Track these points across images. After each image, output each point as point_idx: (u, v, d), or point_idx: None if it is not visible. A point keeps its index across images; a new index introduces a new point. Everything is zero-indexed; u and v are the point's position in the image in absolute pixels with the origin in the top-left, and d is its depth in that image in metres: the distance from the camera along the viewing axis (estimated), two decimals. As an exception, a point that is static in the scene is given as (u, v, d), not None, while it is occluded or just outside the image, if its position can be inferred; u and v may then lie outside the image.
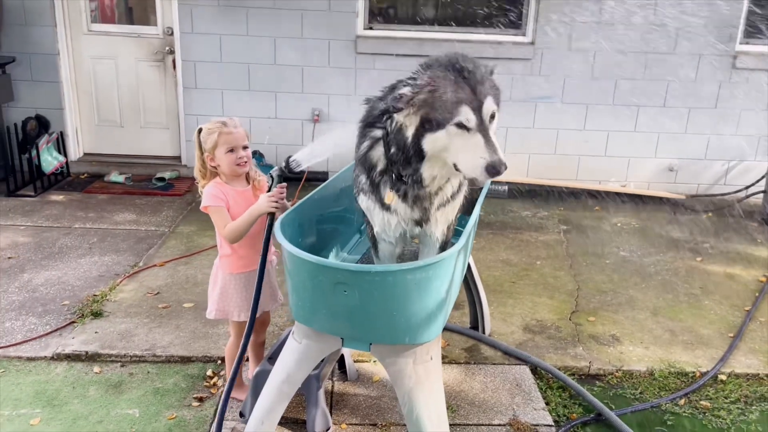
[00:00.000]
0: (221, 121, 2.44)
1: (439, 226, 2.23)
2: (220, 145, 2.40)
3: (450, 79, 1.90)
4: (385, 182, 2.11)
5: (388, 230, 2.22)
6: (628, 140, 5.92)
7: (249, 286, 2.50)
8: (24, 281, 3.73)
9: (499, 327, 3.43)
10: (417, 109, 1.90)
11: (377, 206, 2.19)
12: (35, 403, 2.67)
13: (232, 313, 2.55)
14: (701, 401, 2.88)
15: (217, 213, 2.41)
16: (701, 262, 4.45)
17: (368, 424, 2.62)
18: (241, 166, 2.45)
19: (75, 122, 5.91)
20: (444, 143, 1.89)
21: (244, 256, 2.50)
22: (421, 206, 2.14)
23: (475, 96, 1.87)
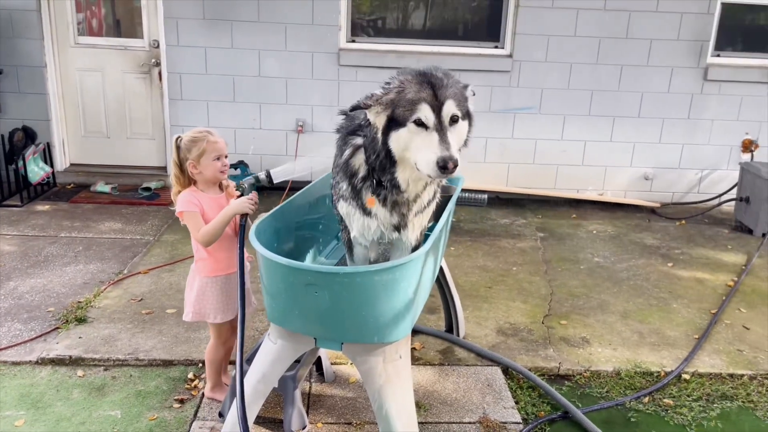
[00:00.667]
0: (206, 131, 2.55)
1: (414, 232, 2.34)
2: (208, 152, 2.50)
3: (416, 82, 2.03)
4: (366, 188, 2.22)
5: (367, 234, 2.32)
6: (605, 150, 6.08)
7: (225, 288, 2.61)
8: (10, 289, 3.80)
9: (474, 330, 3.54)
10: (384, 108, 2.03)
11: (358, 212, 2.28)
12: (20, 406, 2.75)
13: (208, 315, 2.64)
14: (664, 399, 3.00)
15: (192, 218, 2.51)
16: (672, 267, 4.59)
17: (343, 423, 2.71)
18: (224, 173, 2.58)
19: (61, 133, 6.00)
20: (405, 141, 2.00)
21: (220, 259, 2.60)
22: (400, 212, 2.25)
23: (435, 97, 1.99)
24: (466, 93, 2.11)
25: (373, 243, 2.43)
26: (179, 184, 2.58)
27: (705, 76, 5.88)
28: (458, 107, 2.02)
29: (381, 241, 2.49)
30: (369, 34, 5.96)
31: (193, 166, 2.53)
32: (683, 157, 6.12)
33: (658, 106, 5.96)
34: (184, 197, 2.54)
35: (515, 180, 6.13)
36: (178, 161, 2.55)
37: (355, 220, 2.29)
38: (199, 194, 2.57)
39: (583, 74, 5.85)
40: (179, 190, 2.58)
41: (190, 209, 2.51)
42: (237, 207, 2.46)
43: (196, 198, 2.54)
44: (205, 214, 2.54)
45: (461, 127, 2.07)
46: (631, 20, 5.71)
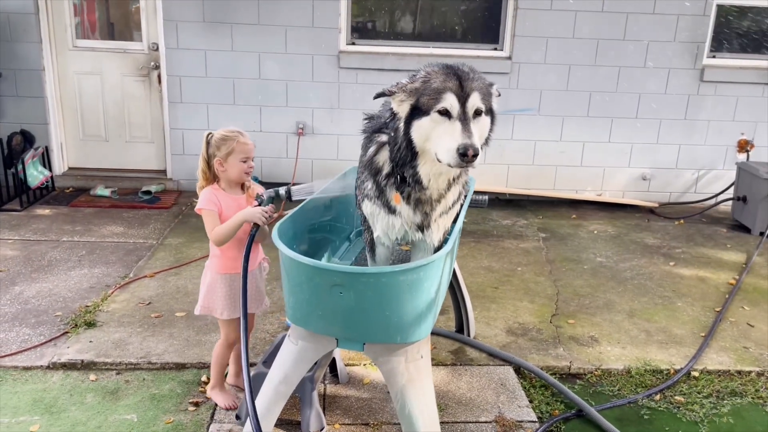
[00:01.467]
0: (237, 131, 2.57)
1: (438, 233, 2.35)
2: (237, 152, 2.53)
3: (443, 73, 2.05)
4: (390, 185, 2.23)
5: (391, 233, 2.33)
6: (603, 150, 6.14)
7: (234, 286, 2.64)
8: (15, 293, 3.77)
9: (483, 330, 3.56)
10: (409, 96, 2.05)
11: (383, 210, 2.29)
12: (34, 411, 2.73)
13: (216, 310, 2.67)
14: (675, 396, 3.03)
15: (209, 216, 2.55)
16: (674, 266, 4.64)
17: (360, 424, 2.72)
18: (248, 174, 2.62)
19: (60, 137, 5.96)
20: (427, 130, 2.01)
21: (231, 258, 2.62)
22: (423, 210, 2.26)
23: (461, 88, 2.00)
24: (491, 90, 2.13)
25: (395, 245, 2.44)
26: (204, 178, 2.62)
27: (701, 77, 5.95)
28: (483, 101, 2.04)
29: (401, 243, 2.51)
30: (369, 36, 5.97)
31: (219, 164, 2.55)
32: (680, 157, 6.19)
33: (655, 107, 6.02)
34: (205, 195, 2.58)
35: (515, 181, 6.17)
36: (206, 156, 2.58)
37: (380, 219, 2.30)
38: (219, 193, 2.59)
39: (582, 76, 5.90)
40: (203, 185, 2.61)
41: (209, 207, 2.55)
42: (248, 215, 2.48)
43: (216, 197, 2.57)
44: (223, 214, 2.56)
45: (484, 121, 2.09)
46: (628, 22, 5.77)
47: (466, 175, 2.36)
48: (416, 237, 2.32)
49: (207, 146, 2.57)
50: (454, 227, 2.43)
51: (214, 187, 2.60)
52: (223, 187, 2.61)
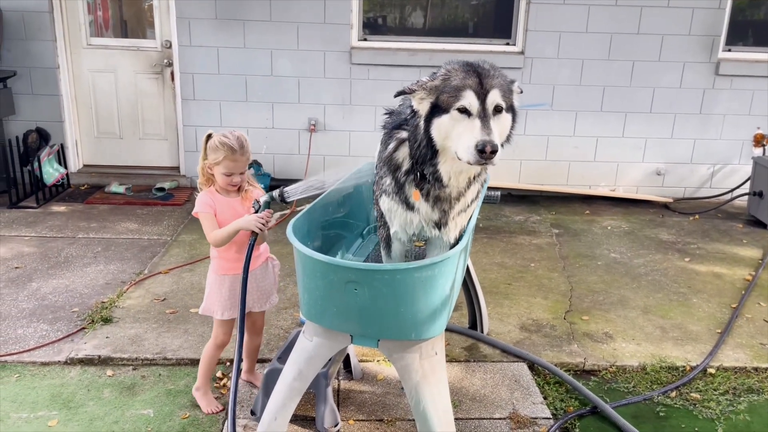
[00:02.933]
0: (231, 145, 2.50)
1: (455, 230, 2.34)
2: (222, 165, 2.52)
3: (462, 70, 2.05)
4: (410, 182, 2.23)
5: (408, 229, 2.34)
6: (617, 145, 6.09)
7: (233, 287, 2.63)
8: (33, 290, 3.81)
9: (497, 327, 3.55)
10: (429, 93, 2.04)
11: (401, 207, 2.29)
12: (52, 406, 2.76)
13: (215, 311, 2.67)
14: (691, 393, 3.01)
15: (206, 219, 2.57)
16: (689, 262, 4.60)
17: (375, 420, 2.73)
18: (233, 188, 2.60)
19: (75, 134, 6.01)
20: (447, 128, 2.00)
21: (230, 259, 2.63)
22: (441, 208, 2.25)
23: (481, 85, 1.99)
24: (512, 87, 2.12)
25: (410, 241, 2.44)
26: (203, 175, 2.63)
27: (716, 70, 5.88)
28: (503, 98, 2.03)
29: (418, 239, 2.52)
30: (380, 32, 5.96)
31: (209, 167, 2.58)
32: (695, 152, 6.13)
33: (669, 102, 5.96)
34: (200, 198, 2.60)
35: (528, 176, 6.14)
36: (204, 156, 2.59)
37: (397, 215, 2.30)
38: (215, 196, 2.61)
39: (595, 70, 5.86)
40: (202, 182, 2.64)
41: (205, 210, 2.57)
42: (245, 224, 2.49)
43: (211, 199, 2.59)
44: (218, 216, 2.58)
45: (505, 119, 2.08)
46: (642, 15, 5.72)
47: (485, 174, 2.35)
48: (433, 234, 2.31)
49: (205, 146, 2.57)
50: (469, 224, 2.42)
51: (210, 190, 2.62)
52: (217, 189, 2.62)
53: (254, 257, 2.60)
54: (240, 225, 2.51)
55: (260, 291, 2.76)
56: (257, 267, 2.70)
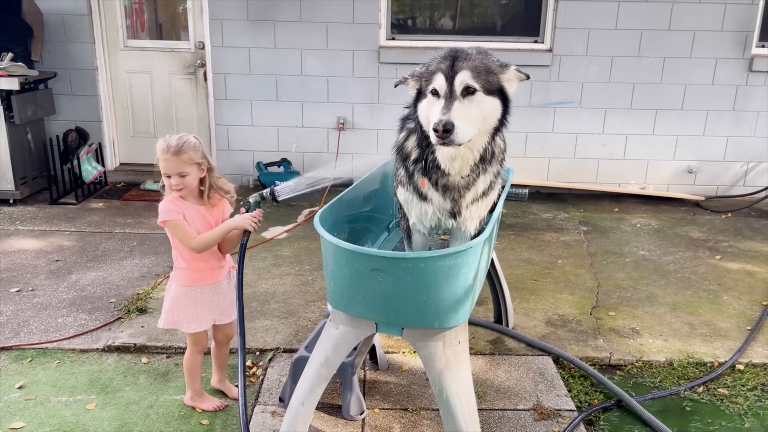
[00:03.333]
0: (163, 146, 2.43)
1: (472, 221, 2.38)
2: (161, 168, 2.47)
3: (442, 56, 2.12)
4: (418, 171, 2.28)
5: (425, 220, 2.38)
6: (647, 143, 6.04)
7: (198, 300, 2.60)
8: (72, 281, 3.97)
9: (522, 321, 3.57)
10: (416, 81, 2.15)
11: (415, 197, 2.34)
12: (90, 390, 2.88)
13: (182, 323, 2.61)
14: (719, 389, 2.99)
15: (177, 227, 2.48)
16: (720, 260, 4.55)
17: (399, 409, 2.78)
18: (180, 191, 2.49)
19: (112, 134, 6.21)
20: (425, 111, 2.08)
21: (197, 270, 2.58)
22: (451, 197, 2.29)
23: (452, 68, 2.04)
24: (494, 69, 2.10)
25: (432, 231, 2.49)
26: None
27: (750, 67, 5.79)
28: (476, 79, 2.03)
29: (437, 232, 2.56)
30: (409, 31, 6.02)
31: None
32: (728, 149, 6.04)
33: (701, 99, 5.89)
34: (165, 207, 2.49)
35: (556, 174, 6.13)
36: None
37: (413, 205, 2.35)
38: (180, 202, 2.52)
39: (625, 67, 5.82)
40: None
41: (174, 218, 2.47)
42: (239, 222, 2.46)
43: (178, 206, 2.50)
44: (188, 222, 2.51)
45: (480, 100, 2.06)
46: (673, 11, 5.66)
47: (496, 165, 2.32)
48: (450, 224, 2.35)
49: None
50: (491, 216, 2.46)
51: (173, 198, 2.51)
52: (182, 196, 2.52)
53: (218, 267, 2.61)
54: (234, 224, 2.47)
55: (227, 302, 2.69)
56: (222, 279, 2.65)
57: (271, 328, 3.43)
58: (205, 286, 2.61)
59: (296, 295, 3.82)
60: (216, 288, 2.64)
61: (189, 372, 2.75)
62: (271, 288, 3.92)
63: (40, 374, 2.99)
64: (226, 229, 2.51)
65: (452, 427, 2.27)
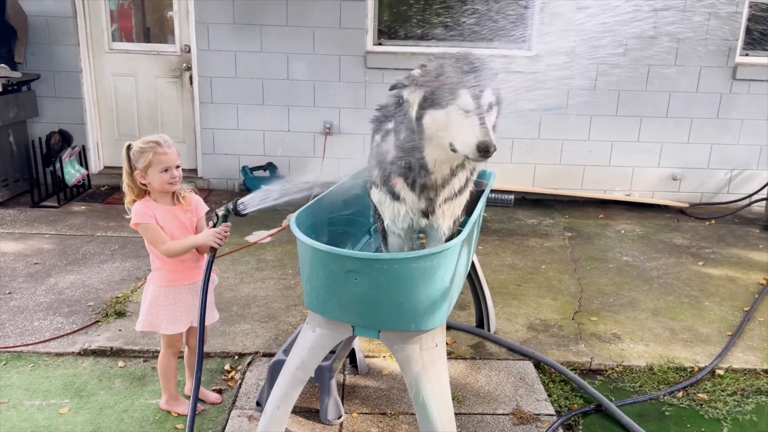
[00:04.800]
0: (154, 141, 2.44)
1: (446, 219, 2.38)
2: (155, 164, 2.42)
3: (456, 67, 2.10)
4: (394, 171, 2.27)
5: (398, 221, 2.38)
6: (632, 150, 6.06)
7: (177, 300, 2.58)
8: (50, 284, 3.92)
9: (504, 326, 3.56)
10: (420, 87, 2.10)
11: (388, 197, 2.34)
12: (64, 394, 2.84)
13: (160, 325, 2.59)
14: (699, 394, 2.99)
15: (149, 230, 2.46)
16: (703, 266, 4.56)
17: (378, 413, 2.76)
18: (173, 185, 2.49)
19: (96, 136, 6.16)
20: (443, 122, 2.07)
21: (174, 271, 2.56)
22: (428, 196, 2.29)
23: (476, 84, 2.05)
24: (497, 79, 2.16)
25: (407, 234, 2.48)
26: (132, 193, 2.50)
27: (734, 75, 5.84)
28: (494, 95, 2.08)
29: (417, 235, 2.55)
30: (396, 36, 6.02)
31: (141, 176, 2.45)
32: (712, 157, 6.08)
33: (686, 106, 5.93)
34: (138, 209, 2.47)
35: (542, 180, 6.14)
36: (129, 170, 2.47)
37: (386, 206, 2.35)
38: (152, 205, 2.49)
39: (610, 75, 5.84)
40: (133, 200, 2.51)
41: (146, 221, 2.45)
42: (204, 239, 2.44)
43: (150, 209, 2.47)
44: (160, 225, 2.49)
45: (494, 113, 2.13)
46: (658, 19, 5.70)
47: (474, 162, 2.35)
48: (423, 224, 2.36)
49: (128, 159, 2.45)
50: (469, 219, 2.45)
51: (146, 200, 2.50)
52: (154, 198, 2.51)
53: (196, 267, 2.59)
54: (198, 241, 2.47)
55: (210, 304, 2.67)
56: (200, 278, 2.58)
57: (251, 332, 3.40)
58: (183, 286, 2.59)
59: (278, 299, 3.79)
60: (194, 288, 2.61)
61: (164, 375, 2.72)
62: (253, 292, 3.89)
63: (13, 378, 2.94)
64: (190, 245, 2.49)
65: (428, 429, 2.25)
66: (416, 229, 2.47)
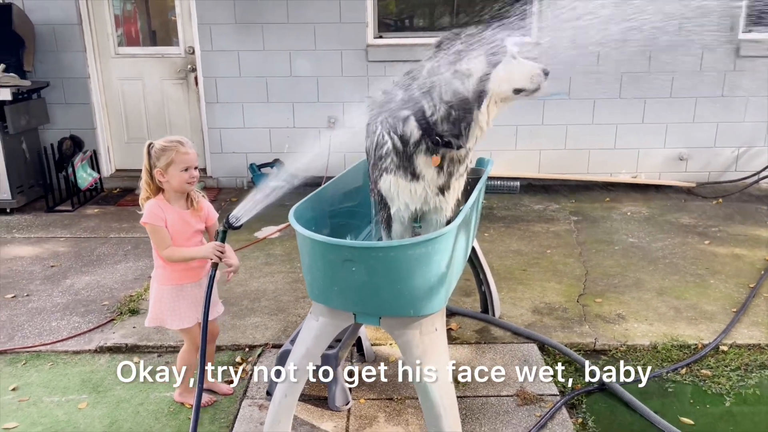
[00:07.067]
0: (177, 140, 2.52)
1: (453, 194, 2.52)
2: (176, 163, 2.49)
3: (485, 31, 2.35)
4: (419, 152, 2.38)
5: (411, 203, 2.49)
6: (637, 132, 6.06)
7: (179, 298, 2.65)
8: (67, 286, 4.03)
9: (509, 310, 3.61)
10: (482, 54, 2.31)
11: (404, 179, 2.45)
12: (82, 390, 2.94)
13: (165, 321, 2.67)
14: (702, 370, 3.02)
15: (156, 231, 2.53)
16: (709, 244, 4.57)
17: (385, 398, 2.83)
18: (191, 185, 2.57)
19: (106, 140, 6.28)
20: (505, 74, 2.31)
21: (175, 270, 2.63)
22: (449, 171, 2.43)
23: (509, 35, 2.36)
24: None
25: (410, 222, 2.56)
26: (148, 190, 2.57)
27: (737, 52, 5.80)
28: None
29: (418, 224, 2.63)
30: (396, 29, 6.07)
31: (160, 174, 2.51)
32: (718, 135, 6.05)
33: (690, 86, 5.90)
34: (149, 208, 2.54)
35: (547, 166, 6.16)
36: (148, 168, 2.53)
37: (401, 189, 2.45)
38: (164, 205, 2.56)
39: (612, 57, 5.83)
40: (147, 197, 2.58)
41: (155, 222, 2.52)
42: (205, 252, 2.53)
43: (161, 210, 2.54)
44: (168, 228, 2.55)
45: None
46: None
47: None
48: (436, 201, 2.47)
49: (148, 157, 2.52)
50: (468, 201, 2.50)
51: (158, 199, 2.55)
52: (167, 198, 2.57)
53: (199, 267, 2.66)
54: (199, 253, 2.54)
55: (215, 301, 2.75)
56: (203, 277, 2.68)
57: (260, 324, 3.48)
58: (185, 284, 2.66)
59: (287, 293, 3.87)
60: (198, 285, 2.68)
61: (181, 368, 2.81)
62: (262, 286, 3.97)
63: (33, 376, 3.05)
64: (191, 256, 2.56)
65: (431, 412, 2.32)
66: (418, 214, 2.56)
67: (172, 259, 2.56)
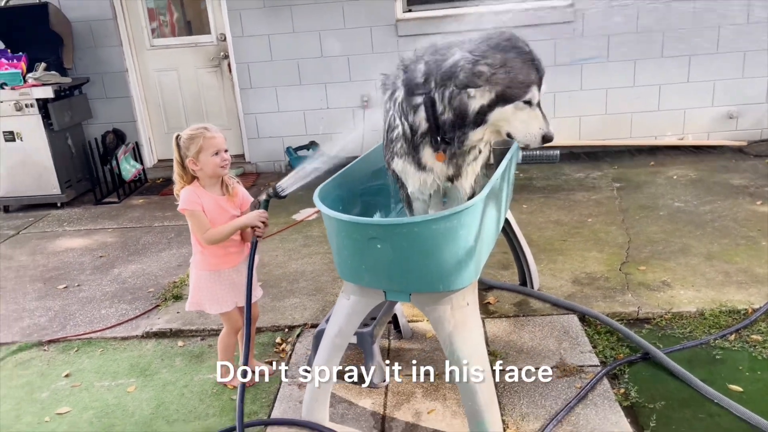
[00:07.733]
0: (203, 127, 2.54)
1: (468, 179, 2.43)
2: (206, 149, 2.51)
3: (521, 61, 2.12)
4: (425, 143, 2.30)
5: (424, 189, 2.44)
6: (682, 91, 5.81)
7: (218, 283, 2.69)
8: (114, 275, 4.17)
9: (549, 282, 3.54)
10: (493, 86, 2.11)
11: (412, 168, 2.39)
12: (130, 374, 3.05)
13: (204, 306, 2.72)
14: (752, 336, 2.90)
15: (194, 216, 2.56)
16: (761, 205, 4.37)
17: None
18: (224, 168, 2.58)
19: (147, 132, 6.43)
20: (508, 116, 2.14)
21: (215, 255, 2.66)
22: (456, 163, 2.34)
23: (539, 77, 2.13)
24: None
25: (434, 197, 2.51)
26: (183, 181, 2.61)
27: (789, 0, 5.47)
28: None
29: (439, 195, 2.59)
30: (425, 0, 5.95)
31: (193, 163, 2.53)
32: (770, 90, 5.75)
33: (737, 39, 5.61)
34: (186, 195, 2.57)
35: (588, 132, 5.98)
36: (179, 159, 2.57)
37: (411, 176, 2.38)
38: (200, 191, 2.58)
39: (652, 15, 5.59)
40: (182, 187, 2.61)
41: (192, 207, 2.55)
42: (248, 220, 2.53)
43: (197, 196, 2.57)
44: (205, 213, 2.57)
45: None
46: (700, -49, 5.40)
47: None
48: (446, 186, 2.40)
49: (178, 148, 2.55)
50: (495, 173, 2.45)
51: (194, 186, 2.59)
52: (203, 185, 2.59)
53: (237, 253, 2.68)
54: (241, 222, 2.55)
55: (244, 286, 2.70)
56: (240, 262, 2.72)
57: (299, 305, 3.52)
58: (223, 270, 2.70)
59: (324, 273, 3.91)
60: (235, 271, 2.72)
61: (223, 351, 2.87)
62: (301, 267, 4.02)
63: (85, 362, 3.18)
64: (235, 227, 2.57)
65: (466, 387, 2.30)
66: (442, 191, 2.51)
67: (214, 241, 2.58)
